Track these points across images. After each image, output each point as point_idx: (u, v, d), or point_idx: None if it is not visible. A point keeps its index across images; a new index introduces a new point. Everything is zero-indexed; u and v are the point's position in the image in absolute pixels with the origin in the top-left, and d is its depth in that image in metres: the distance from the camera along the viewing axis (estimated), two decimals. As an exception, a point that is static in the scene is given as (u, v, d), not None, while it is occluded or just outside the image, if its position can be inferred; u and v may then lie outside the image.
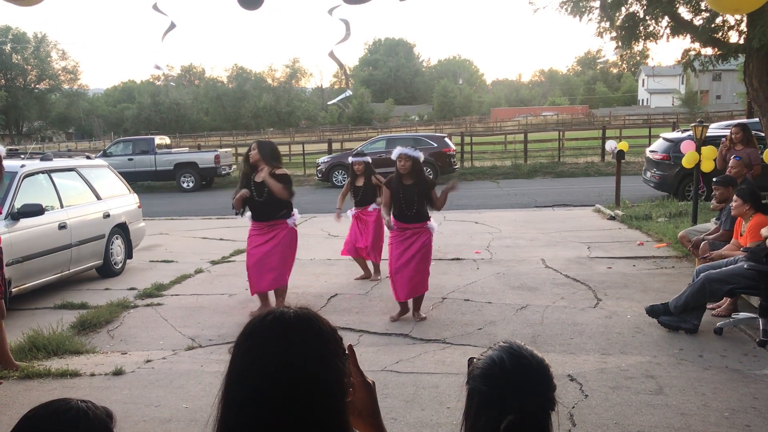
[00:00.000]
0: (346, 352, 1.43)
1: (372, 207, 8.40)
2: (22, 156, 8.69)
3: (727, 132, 10.01)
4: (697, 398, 4.50)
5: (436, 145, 21.77)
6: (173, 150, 25.65)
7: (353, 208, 8.58)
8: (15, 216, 7.29)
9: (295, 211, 7.06)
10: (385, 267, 7.79)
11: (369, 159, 8.69)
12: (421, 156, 6.66)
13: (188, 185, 23.09)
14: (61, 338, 6.12)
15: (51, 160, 8.65)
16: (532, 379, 1.50)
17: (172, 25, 2.81)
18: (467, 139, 27.12)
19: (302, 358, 1.31)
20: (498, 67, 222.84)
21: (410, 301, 6.69)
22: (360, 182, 8.49)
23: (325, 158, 23.08)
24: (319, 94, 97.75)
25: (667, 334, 5.85)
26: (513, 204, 16.23)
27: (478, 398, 1.52)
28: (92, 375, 5.35)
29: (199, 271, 9.24)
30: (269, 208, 6.80)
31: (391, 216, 6.54)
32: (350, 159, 8.74)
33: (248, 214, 7.03)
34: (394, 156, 6.62)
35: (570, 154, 28.02)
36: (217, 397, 1.35)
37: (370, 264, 8.59)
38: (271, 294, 7.06)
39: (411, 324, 6.49)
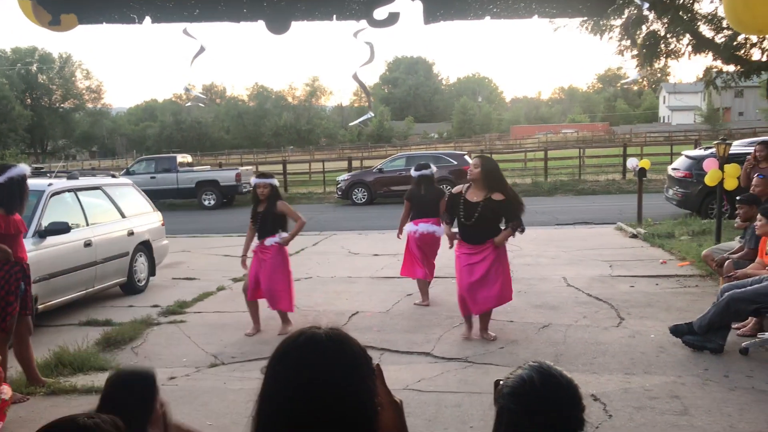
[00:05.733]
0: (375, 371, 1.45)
1: (271, 241, 6.96)
2: (48, 175, 8.85)
3: (750, 149, 9.91)
4: (723, 419, 4.44)
5: (456, 162, 21.79)
6: (195, 168, 25.89)
7: (256, 241, 7.11)
8: (42, 234, 7.40)
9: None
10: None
11: (275, 181, 7.15)
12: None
13: (209, 203, 23.29)
14: (87, 355, 6.20)
15: (77, 178, 8.79)
16: (561, 398, 1.51)
17: (202, 49, 2.87)
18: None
19: (335, 379, 1.33)
20: (517, 85, 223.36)
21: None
22: (262, 207, 7.00)
23: (345, 176, 23.22)
24: (339, 112, 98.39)
25: (691, 354, 5.78)
26: (534, 222, 16.10)
27: (507, 417, 1.53)
28: (117, 392, 5.40)
29: (221, 289, 9.31)
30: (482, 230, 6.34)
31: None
32: (252, 180, 7.13)
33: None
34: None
35: (591, 171, 27.87)
36: (251, 416, 1.38)
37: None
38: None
39: (432, 343, 6.48)
